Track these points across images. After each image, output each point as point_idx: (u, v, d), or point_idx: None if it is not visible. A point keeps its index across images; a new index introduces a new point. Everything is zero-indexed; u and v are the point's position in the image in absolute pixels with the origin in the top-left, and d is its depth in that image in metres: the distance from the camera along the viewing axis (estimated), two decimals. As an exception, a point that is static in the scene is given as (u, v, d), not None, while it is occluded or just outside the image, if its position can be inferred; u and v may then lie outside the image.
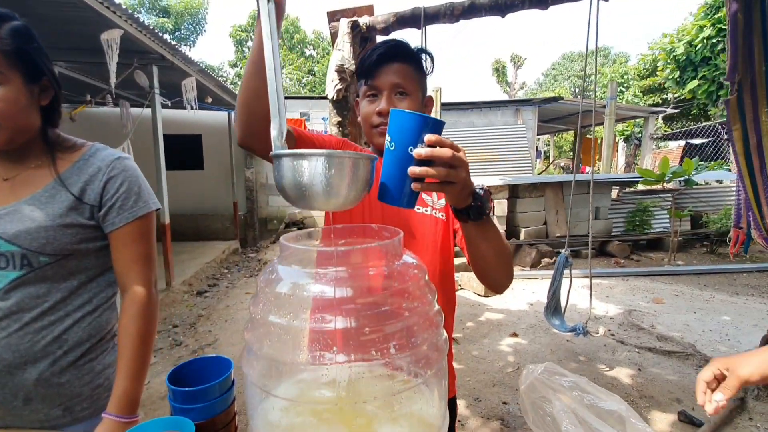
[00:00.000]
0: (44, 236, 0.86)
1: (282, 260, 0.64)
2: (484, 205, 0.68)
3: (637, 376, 2.84)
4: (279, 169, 0.60)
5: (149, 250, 0.97)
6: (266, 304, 0.60)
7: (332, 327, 0.55)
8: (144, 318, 0.93)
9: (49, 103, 0.91)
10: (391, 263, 0.62)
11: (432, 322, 0.63)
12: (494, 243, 0.76)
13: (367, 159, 0.60)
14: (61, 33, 3.87)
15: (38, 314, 0.89)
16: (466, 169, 0.64)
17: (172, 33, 18.03)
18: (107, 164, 0.93)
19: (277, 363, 0.59)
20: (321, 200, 0.58)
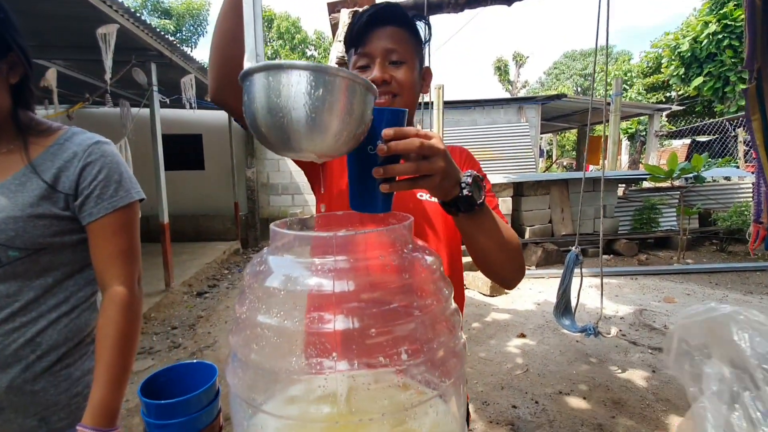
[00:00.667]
0: (13, 228, 0.77)
1: (273, 250, 0.54)
2: (473, 195, 0.58)
3: (652, 378, 2.74)
4: (249, 91, 0.47)
5: (131, 244, 0.88)
6: (254, 301, 0.51)
7: (331, 328, 0.45)
8: (125, 319, 0.84)
9: (18, 81, 0.82)
10: (401, 252, 0.53)
11: (449, 323, 0.54)
12: (495, 235, 0.66)
13: (366, 87, 0.48)
14: (59, 30, 3.81)
15: (8, 315, 0.80)
16: (444, 156, 0.54)
17: (174, 34, 18.02)
18: (84, 149, 0.84)
19: (266, 372, 0.49)
20: (301, 134, 0.45)
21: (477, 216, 0.62)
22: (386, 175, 0.51)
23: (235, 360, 0.53)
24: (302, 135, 0.46)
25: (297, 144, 0.47)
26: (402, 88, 0.80)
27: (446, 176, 0.55)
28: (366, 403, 0.47)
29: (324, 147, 0.48)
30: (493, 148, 8.24)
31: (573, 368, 2.89)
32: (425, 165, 0.52)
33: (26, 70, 0.82)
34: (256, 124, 0.47)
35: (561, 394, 2.57)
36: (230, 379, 0.53)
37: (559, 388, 2.63)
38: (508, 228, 0.71)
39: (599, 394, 2.56)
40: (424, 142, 0.51)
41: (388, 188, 0.52)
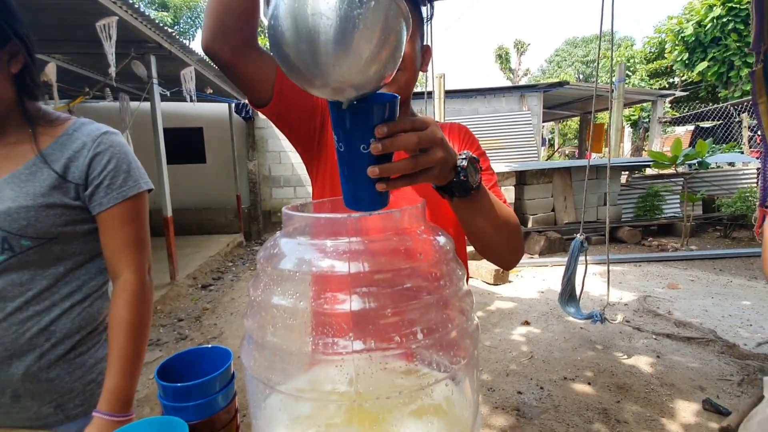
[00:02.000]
0: (25, 217, 0.78)
1: (285, 234, 0.54)
2: (469, 179, 0.56)
3: (657, 364, 2.75)
4: (277, 5, 0.43)
5: (141, 233, 0.89)
6: (268, 284, 0.51)
7: (347, 308, 0.45)
8: (137, 307, 0.85)
9: (20, 71, 0.81)
10: (414, 233, 0.53)
11: (462, 304, 0.54)
12: (492, 217, 0.64)
13: (404, 17, 0.44)
14: (57, 23, 3.78)
15: (22, 303, 0.81)
16: (442, 145, 0.51)
17: (172, 27, 17.88)
18: (93, 139, 0.84)
19: (282, 353, 0.49)
20: (329, 53, 0.41)
21: (473, 199, 0.60)
22: (382, 174, 0.47)
23: (250, 342, 0.53)
24: (328, 54, 0.42)
25: (322, 64, 0.43)
26: (405, 62, 0.78)
27: (444, 166, 0.53)
28: (381, 382, 0.48)
29: (351, 73, 0.43)
30: (495, 137, 8.19)
31: (578, 355, 2.90)
32: (424, 159, 0.50)
33: (27, 59, 0.82)
34: (279, 38, 0.44)
35: (566, 380, 2.59)
36: (246, 361, 0.53)
37: (564, 374, 2.65)
38: (506, 208, 0.69)
39: (604, 379, 2.58)
40: (422, 134, 0.49)
41: (385, 187, 0.49)
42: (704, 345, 2.99)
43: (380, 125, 0.47)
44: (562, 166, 6.41)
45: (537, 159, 8.22)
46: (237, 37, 0.67)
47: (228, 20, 0.66)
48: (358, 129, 0.47)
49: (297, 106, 0.79)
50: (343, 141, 0.49)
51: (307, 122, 0.82)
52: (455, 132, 0.89)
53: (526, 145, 8.21)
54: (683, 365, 2.73)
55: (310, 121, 0.82)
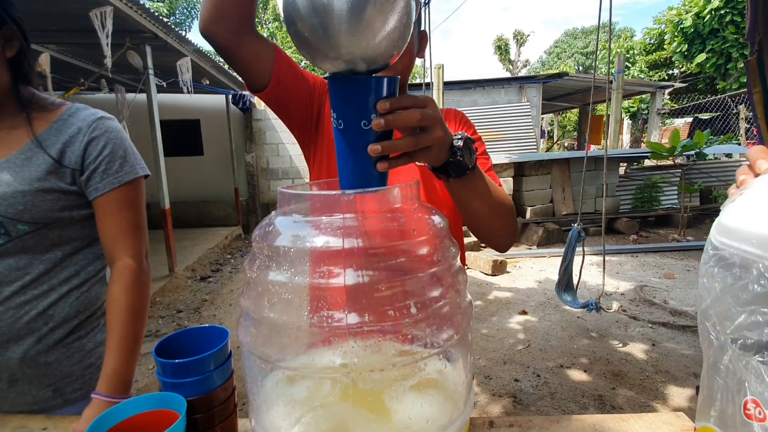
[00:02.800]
0: (21, 202, 0.78)
1: (280, 212, 0.55)
2: (464, 159, 0.56)
3: (652, 351, 2.78)
4: None
5: (138, 218, 0.89)
6: (264, 261, 0.52)
7: (341, 283, 0.46)
8: (134, 291, 0.85)
9: (15, 55, 0.81)
10: (409, 211, 0.53)
11: (455, 280, 0.54)
12: (487, 198, 0.65)
13: None
14: (51, 13, 3.73)
15: (19, 288, 0.81)
16: (441, 124, 0.51)
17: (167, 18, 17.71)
18: (88, 124, 0.84)
19: (278, 327, 0.50)
20: (342, 28, 0.42)
21: (468, 180, 0.60)
22: (384, 152, 0.47)
23: (247, 319, 0.54)
24: (341, 29, 0.43)
25: (333, 38, 0.44)
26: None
27: (442, 145, 0.53)
28: (376, 355, 0.49)
29: (364, 46, 0.45)
30: (494, 128, 8.18)
31: (574, 343, 2.93)
32: (424, 138, 0.50)
33: (22, 43, 0.81)
34: (296, 14, 0.45)
35: (562, 367, 2.62)
36: (243, 338, 0.54)
37: (560, 362, 2.68)
38: (501, 190, 0.70)
39: (600, 367, 2.61)
40: (423, 111, 0.49)
41: (387, 166, 0.49)
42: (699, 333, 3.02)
43: (383, 100, 0.47)
44: (560, 158, 6.41)
45: (536, 151, 8.22)
46: (236, 20, 0.67)
47: (228, 5, 0.65)
48: (359, 103, 0.47)
49: (295, 90, 0.79)
50: (344, 117, 0.48)
51: (304, 107, 0.82)
52: (451, 117, 0.90)
53: (525, 136, 8.19)
54: (678, 353, 2.76)
55: (308, 106, 0.83)
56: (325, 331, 0.48)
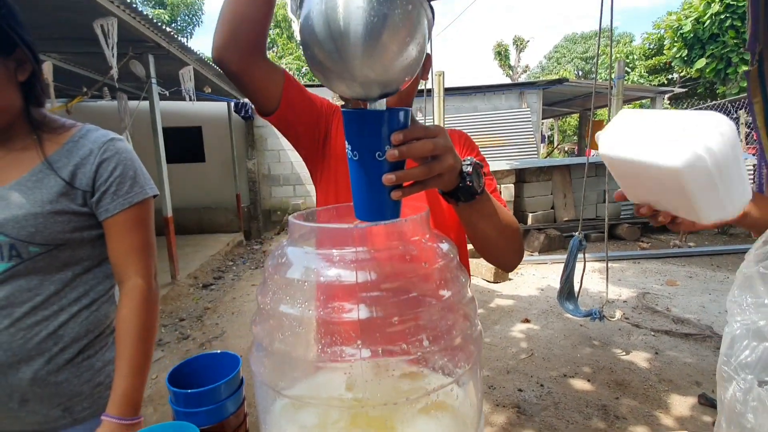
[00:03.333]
0: (33, 224, 0.79)
1: (292, 242, 0.56)
2: (474, 184, 0.57)
3: (654, 360, 2.78)
4: (307, 2, 0.46)
5: (148, 238, 0.90)
6: (276, 292, 0.52)
7: (354, 317, 0.47)
8: (144, 312, 0.86)
9: (27, 79, 0.82)
10: (420, 242, 0.54)
11: (467, 311, 0.55)
12: (494, 220, 0.66)
13: (429, 20, 0.48)
14: (54, 23, 3.76)
15: (30, 309, 0.82)
16: (452, 152, 0.53)
17: (169, 24, 17.80)
18: (99, 146, 0.85)
19: (290, 359, 0.51)
20: (358, 53, 0.43)
21: (477, 203, 0.62)
22: (399, 181, 0.48)
23: (260, 349, 0.55)
24: (355, 48, 0.44)
25: (349, 58, 0.45)
26: None
27: (453, 171, 0.55)
28: (388, 389, 0.49)
29: (379, 70, 0.46)
30: (495, 134, 8.20)
31: (577, 352, 2.93)
32: (437, 166, 0.51)
33: (34, 67, 0.82)
34: (314, 37, 0.46)
35: (566, 377, 2.61)
36: (255, 367, 0.54)
37: (563, 371, 2.67)
38: (507, 212, 0.71)
39: (603, 376, 2.60)
40: (435, 141, 0.50)
41: (400, 195, 0.50)
42: (701, 341, 3.02)
43: (396, 132, 0.48)
44: (561, 164, 6.43)
45: (536, 156, 8.23)
46: (248, 46, 0.68)
47: (240, 30, 0.67)
48: (374, 136, 0.48)
49: (303, 113, 0.80)
50: (358, 149, 0.50)
51: (312, 129, 0.83)
52: (455, 138, 0.91)
53: (526, 142, 8.22)
54: (680, 361, 2.76)
55: (316, 129, 0.84)
56: (337, 365, 0.48)
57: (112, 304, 0.94)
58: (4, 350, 0.80)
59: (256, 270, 5.61)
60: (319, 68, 0.49)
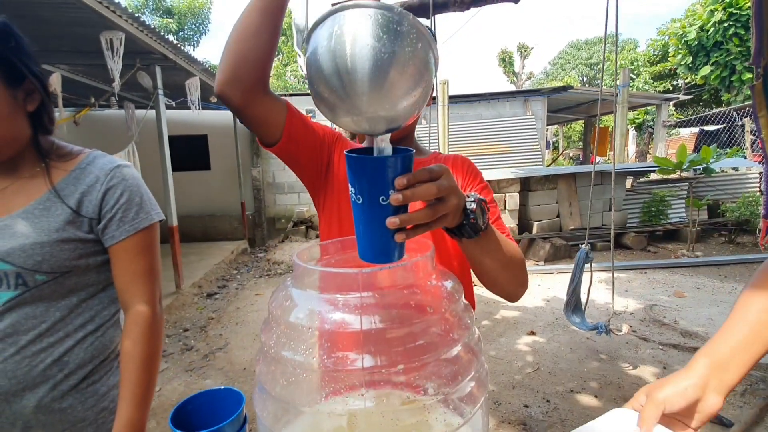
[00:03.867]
0: (40, 253, 0.79)
1: (296, 282, 0.55)
2: (478, 222, 0.57)
3: (663, 375, 2.73)
4: (315, 41, 0.47)
5: (153, 264, 0.90)
6: (280, 336, 0.52)
7: (359, 366, 0.46)
8: (149, 339, 0.86)
9: (36, 109, 0.83)
10: (425, 285, 0.53)
11: (474, 353, 0.54)
12: (499, 254, 0.65)
13: (435, 57, 0.49)
14: (63, 36, 3.82)
15: (35, 336, 0.82)
16: (456, 192, 0.52)
17: (176, 33, 18.02)
18: (106, 173, 0.86)
19: (293, 406, 0.50)
20: (365, 90, 0.44)
21: (481, 239, 0.61)
22: (403, 224, 0.48)
23: (262, 391, 0.54)
24: (361, 85, 0.44)
25: (356, 96, 0.45)
26: None
27: (457, 211, 0.54)
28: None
29: (386, 108, 0.46)
30: (499, 142, 8.20)
31: (584, 366, 2.89)
32: (441, 207, 0.51)
33: (43, 97, 0.83)
34: (321, 73, 0.46)
35: (572, 392, 2.58)
36: (258, 409, 0.54)
37: (570, 386, 2.64)
38: (511, 244, 0.71)
39: (611, 391, 2.57)
40: (440, 183, 0.50)
41: (404, 237, 0.49)
42: None
43: (400, 176, 0.48)
44: (566, 172, 6.40)
45: (541, 163, 8.21)
46: (251, 83, 0.68)
47: (242, 67, 0.67)
48: (378, 181, 0.48)
49: (306, 144, 0.81)
50: (362, 193, 0.49)
51: (315, 160, 0.84)
52: (458, 165, 0.90)
53: (530, 149, 8.20)
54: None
55: (318, 158, 0.84)
56: (342, 413, 0.48)
57: (118, 328, 0.94)
58: (9, 378, 0.80)
59: (260, 279, 5.61)
60: (325, 103, 0.49)
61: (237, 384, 2.85)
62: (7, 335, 0.80)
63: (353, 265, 0.64)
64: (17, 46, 0.78)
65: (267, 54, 0.68)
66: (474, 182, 0.87)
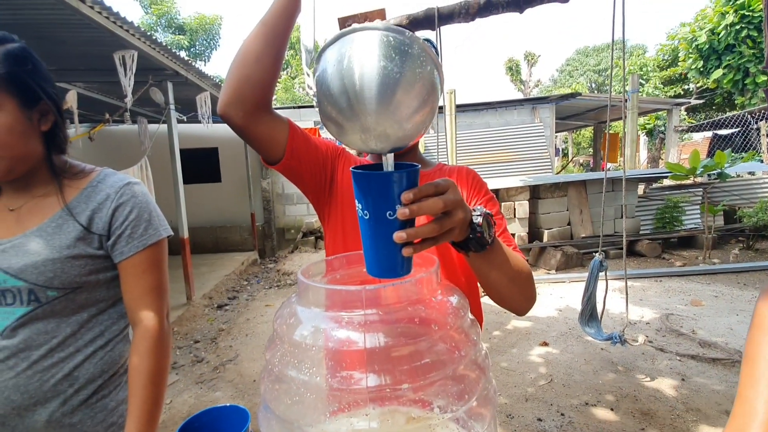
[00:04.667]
0: (51, 269, 0.81)
1: (300, 299, 0.55)
2: (484, 236, 0.56)
3: (681, 387, 2.66)
4: (324, 62, 0.49)
5: (161, 279, 0.91)
6: (284, 354, 0.52)
7: (363, 386, 0.46)
8: (156, 355, 0.86)
9: (50, 128, 0.85)
10: (430, 301, 0.53)
11: (481, 370, 0.53)
12: (505, 268, 0.65)
13: (441, 80, 0.51)
14: (79, 55, 3.94)
15: (47, 351, 0.83)
16: (462, 206, 0.52)
17: (188, 49, 18.43)
18: (116, 191, 0.87)
19: (299, 426, 0.50)
20: (372, 104, 0.45)
21: (488, 253, 0.60)
22: (410, 239, 0.48)
23: (267, 410, 0.54)
24: (369, 105, 0.46)
25: (363, 116, 0.47)
26: None
27: (464, 225, 0.54)
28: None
29: (394, 126, 0.48)
30: (508, 149, 8.16)
31: (599, 378, 2.83)
32: (447, 222, 0.51)
33: (57, 117, 0.86)
34: (328, 95, 0.48)
35: (587, 405, 2.52)
36: (263, 429, 0.53)
37: (585, 399, 2.58)
38: (518, 257, 0.70)
39: (627, 404, 2.50)
40: (446, 199, 0.50)
41: (411, 251, 0.49)
42: (730, 366, 2.88)
43: (406, 191, 0.48)
44: (576, 179, 6.33)
45: (551, 171, 8.14)
46: (253, 105, 0.70)
47: (246, 90, 0.69)
48: (385, 196, 0.49)
49: (308, 161, 0.82)
50: (369, 209, 0.50)
51: (318, 175, 0.85)
52: (463, 176, 0.89)
53: (539, 157, 8.15)
54: (709, 388, 2.63)
55: (321, 173, 0.85)
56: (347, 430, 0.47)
57: (127, 343, 0.95)
58: (21, 393, 0.81)
59: (270, 290, 5.63)
60: (333, 122, 0.50)
61: (246, 396, 2.84)
62: (20, 350, 0.81)
63: (359, 281, 0.64)
64: (34, 69, 0.81)
65: (269, 77, 0.70)
66: (479, 194, 0.86)
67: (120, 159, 5.63)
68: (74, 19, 3.01)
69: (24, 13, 2.98)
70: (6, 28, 0.84)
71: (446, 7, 2.62)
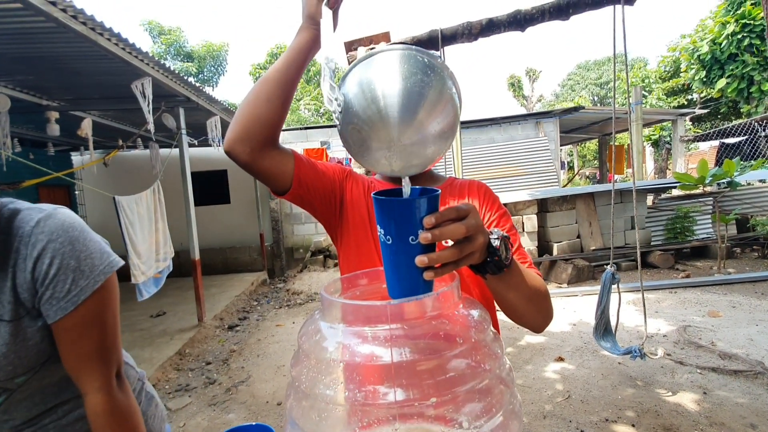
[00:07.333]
0: (9, 363, 0.70)
1: (324, 316, 0.56)
2: (501, 259, 0.57)
3: (703, 401, 2.58)
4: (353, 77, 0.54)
5: (104, 338, 0.75)
6: (310, 370, 0.53)
7: (391, 399, 0.46)
8: (111, 428, 0.74)
9: None
10: (453, 316, 0.54)
11: (506, 384, 0.54)
12: (523, 288, 0.65)
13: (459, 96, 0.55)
14: (95, 84, 4.07)
15: (28, 418, 0.78)
16: (482, 231, 0.53)
17: (196, 75, 18.94)
18: (26, 242, 0.69)
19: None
20: (393, 120, 0.49)
21: (505, 275, 0.61)
22: (432, 263, 0.49)
23: (294, 427, 0.54)
24: (392, 121, 0.49)
25: (384, 131, 0.50)
26: None
27: (483, 249, 0.55)
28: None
29: (409, 142, 0.51)
30: (513, 164, 8.19)
31: (618, 393, 2.76)
32: (468, 246, 0.52)
33: None
34: (352, 116, 0.52)
35: (607, 421, 2.46)
36: (290, 447, 0.54)
37: (604, 416, 2.51)
38: (535, 276, 0.70)
39: (648, 420, 2.43)
40: (468, 224, 0.51)
41: (433, 275, 0.50)
42: (752, 378, 2.80)
43: (428, 216, 0.49)
44: (584, 192, 6.32)
45: (557, 184, 8.14)
46: (260, 142, 0.72)
47: (254, 129, 0.71)
48: (406, 222, 0.50)
49: (316, 188, 0.83)
50: (391, 234, 0.51)
51: (327, 200, 0.85)
52: (474, 190, 0.90)
53: (545, 170, 8.16)
54: (732, 401, 2.55)
55: (331, 199, 0.86)
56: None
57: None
58: None
59: (280, 309, 5.62)
60: (359, 139, 0.52)
61: (260, 418, 2.82)
62: (3, 421, 0.76)
63: (378, 297, 0.65)
64: None
65: (278, 117, 0.72)
66: (492, 208, 0.87)
67: (133, 183, 5.74)
68: (92, 51, 3.13)
69: (42, 47, 3.10)
70: (25, 61, 0.83)
71: (449, 28, 2.68)
